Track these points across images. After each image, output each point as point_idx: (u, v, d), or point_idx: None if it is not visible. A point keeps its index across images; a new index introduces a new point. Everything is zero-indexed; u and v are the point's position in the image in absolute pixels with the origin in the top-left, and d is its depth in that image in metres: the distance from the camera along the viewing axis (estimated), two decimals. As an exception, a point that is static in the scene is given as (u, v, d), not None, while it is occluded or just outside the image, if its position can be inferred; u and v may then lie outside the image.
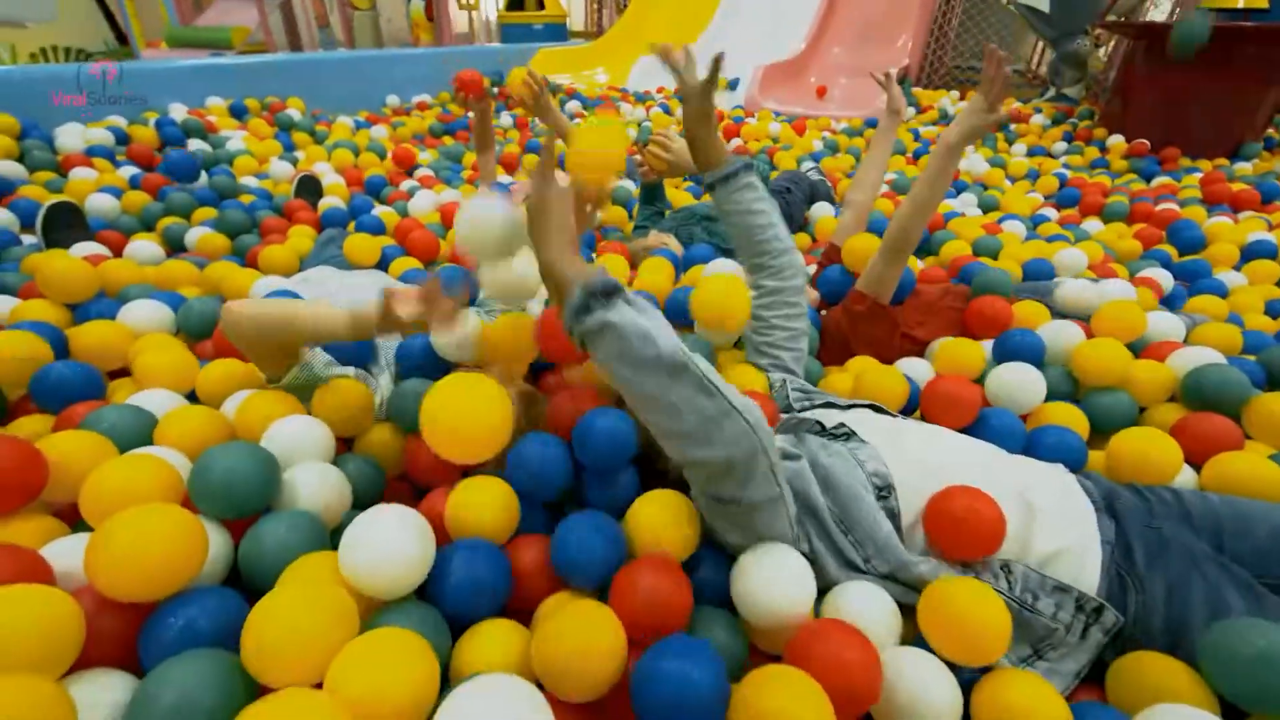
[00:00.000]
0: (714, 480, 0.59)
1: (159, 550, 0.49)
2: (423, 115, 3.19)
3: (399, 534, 0.57)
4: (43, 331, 0.91)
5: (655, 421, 0.58)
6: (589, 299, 0.57)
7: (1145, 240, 1.85)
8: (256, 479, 0.61)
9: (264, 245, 1.45)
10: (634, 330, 0.56)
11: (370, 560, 0.55)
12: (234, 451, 0.61)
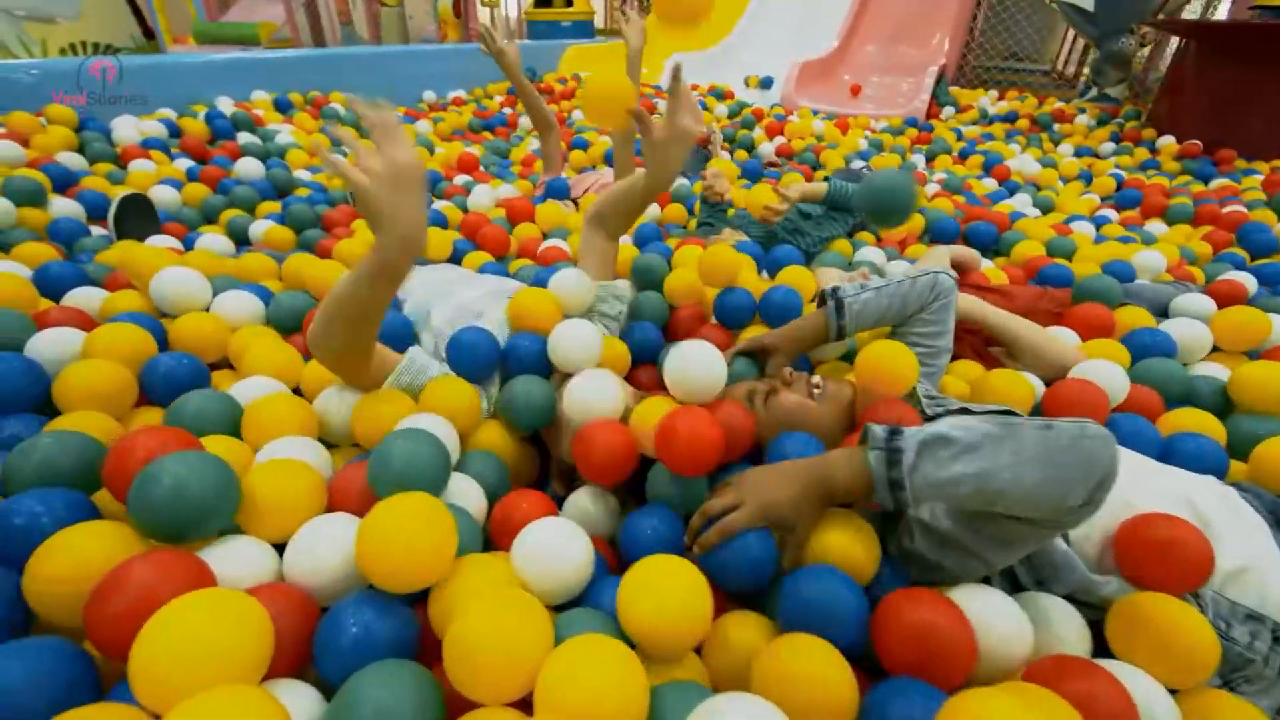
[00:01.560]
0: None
1: (426, 540, 0.49)
2: (459, 111, 3.18)
3: (568, 540, 0.54)
4: (144, 324, 0.89)
5: (1030, 488, 0.50)
6: (890, 446, 0.55)
7: (1215, 243, 1.81)
8: (432, 468, 0.59)
9: (333, 239, 1.44)
10: (949, 425, 0.54)
11: (546, 566, 0.52)
12: (412, 437, 0.59)
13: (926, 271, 0.87)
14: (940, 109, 3.64)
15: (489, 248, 1.45)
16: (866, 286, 0.86)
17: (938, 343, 0.87)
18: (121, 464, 0.55)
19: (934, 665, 0.47)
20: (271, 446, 0.69)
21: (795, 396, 0.76)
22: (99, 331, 0.82)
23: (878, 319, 0.87)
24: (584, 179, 1.91)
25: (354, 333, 0.71)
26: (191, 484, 0.51)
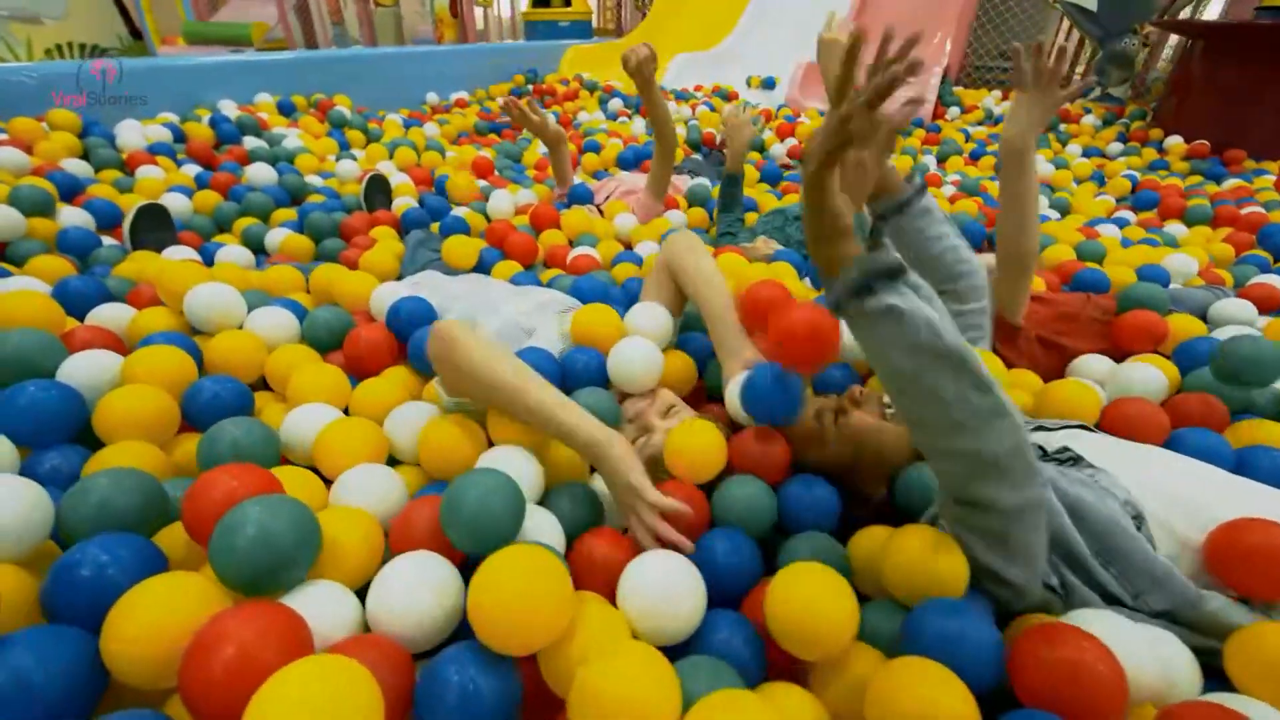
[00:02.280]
0: (973, 478, 0.53)
1: (546, 602, 0.46)
2: (463, 113, 3.13)
3: (680, 576, 0.52)
4: (181, 345, 0.85)
5: (920, 412, 0.53)
6: (871, 279, 0.51)
7: (1237, 245, 1.81)
8: (508, 514, 0.55)
9: (354, 248, 1.39)
10: (920, 318, 0.50)
11: (658, 607, 0.50)
12: (485, 482, 0.56)
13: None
14: (945, 109, 3.63)
15: (517, 256, 1.41)
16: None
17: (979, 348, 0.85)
18: (199, 508, 0.52)
19: (1083, 706, 0.45)
20: (348, 478, 0.65)
21: (869, 417, 0.73)
22: (139, 355, 0.78)
23: (923, 241, 0.85)
24: (605, 185, 1.87)
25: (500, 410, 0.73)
26: (277, 532, 0.48)
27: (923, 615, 0.54)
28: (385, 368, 0.96)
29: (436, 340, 0.72)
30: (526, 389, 0.68)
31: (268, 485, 0.55)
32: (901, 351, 0.51)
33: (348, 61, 3.07)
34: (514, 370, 0.69)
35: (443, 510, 0.55)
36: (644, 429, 0.79)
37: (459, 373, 0.71)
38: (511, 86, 3.66)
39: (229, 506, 0.50)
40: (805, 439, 0.75)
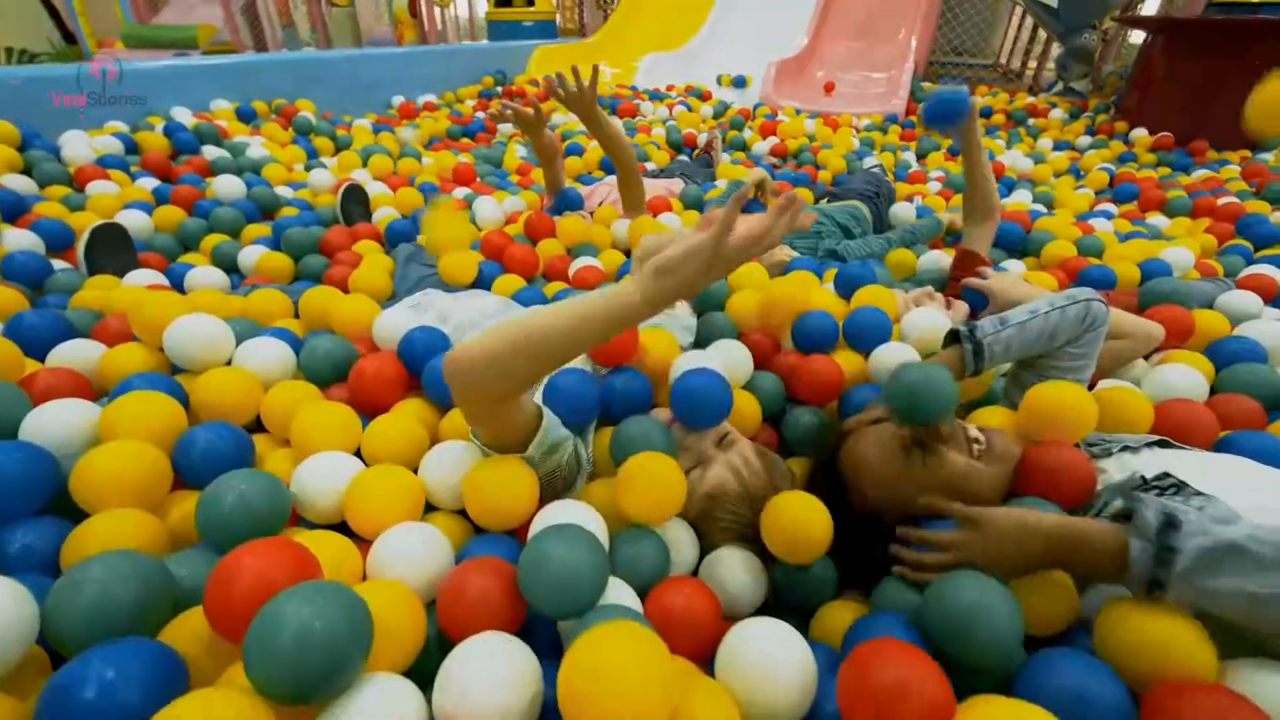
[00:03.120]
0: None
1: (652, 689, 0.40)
2: (433, 116, 3.01)
3: (786, 644, 0.45)
4: (165, 388, 0.75)
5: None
6: (1163, 546, 0.48)
7: (1220, 235, 1.84)
8: (596, 575, 0.48)
9: (339, 266, 1.29)
10: (1247, 537, 0.46)
11: (766, 683, 0.44)
12: (569, 541, 0.49)
13: (1075, 300, 0.77)
14: (917, 104, 3.66)
15: (516, 269, 1.33)
16: (1007, 322, 0.77)
17: (1082, 375, 0.80)
18: (226, 601, 0.43)
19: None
20: (390, 541, 0.57)
21: (962, 459, 0.67)
22: (120, 404, 0.67)
23: (1024, 353, 0.79)
24: (596, 190, 1.80)
25: (538, 373, 0.58)
26: (325, 630, 0.40)
27: (1048, 668, 0.49)
28: (396, 402, 0.87)
29: (449, 365, 0.58)
30: (532, 319, 0.55)
31: (303, 565, 0.47)
32: (1224, 575, 0.46)
33: (307, 64, 2.92)
34: (516, 320, 0.56)
35: (524, 572, 0.48)
36: (700, 459, 0.73)
37: (473, 375, 0.57)
38: (480, 89, 3.54)
39: (260, 596, 0.42)
40: (889, 483, 0.68)
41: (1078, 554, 0.53)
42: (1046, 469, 0.66)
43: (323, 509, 0.65)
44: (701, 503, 0.71)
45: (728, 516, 0.71)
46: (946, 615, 0.51)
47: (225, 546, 0.57)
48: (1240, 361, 1.01)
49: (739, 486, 0.71)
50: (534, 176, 2.13)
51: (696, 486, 0.71)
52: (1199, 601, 0.48)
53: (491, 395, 0.59)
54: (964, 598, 0.51)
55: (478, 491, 0.65)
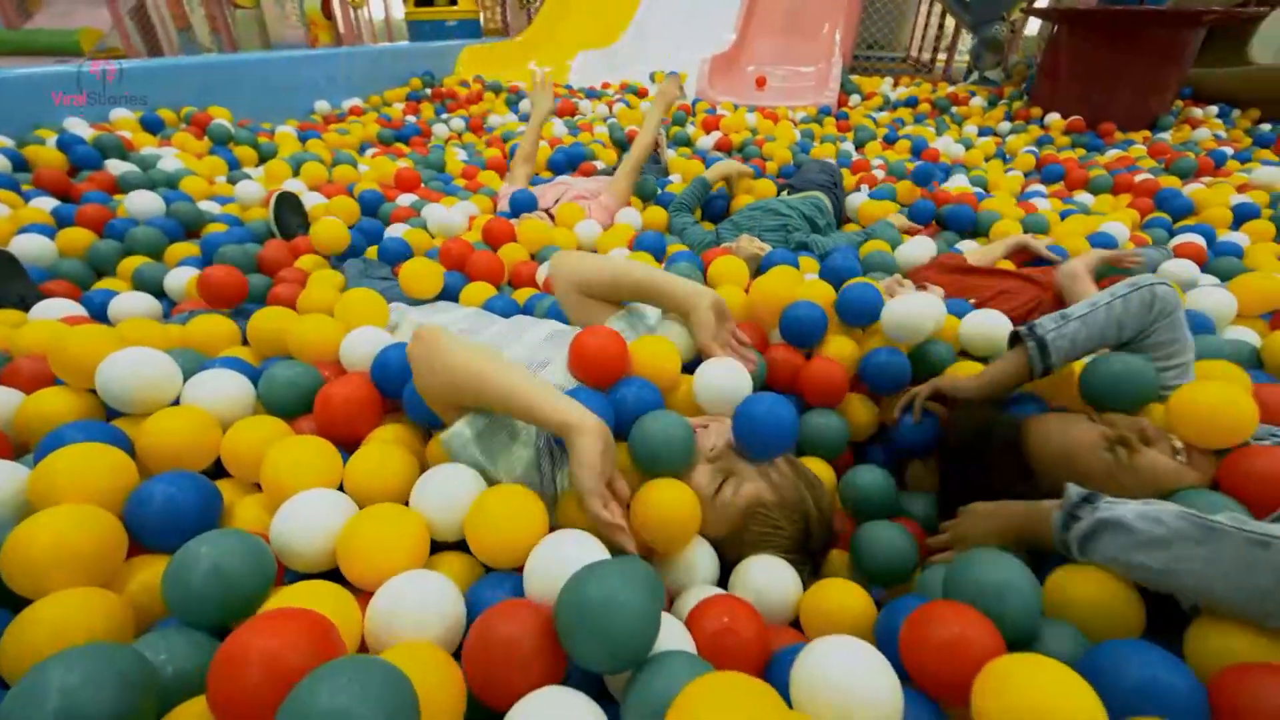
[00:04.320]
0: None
1: None
2: (360, 121, 2.84)
3: (872, 669, 0.42)
4: (105, 437, 0.64)
5: (1219, 596, 0.50)
6: (1072, 511, 0.58)
7: (1141, 210, 1.96)
8: (651, 616, 0.44)
9: (283, 284, 1.17)
10: (1135, 515, 0.54)
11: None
12: (616, 579, 0.44)
13: (1137, 286, 0.74)
14: (848, 97, 3.76)
15: (481, 277, 1.25)
16: (1068, 317, 0.76)
17: (1182, 359, 0.76)
18: (237, 694, 0.36)
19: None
20: (398, 594, 0.51)
21: (1169, 462, 0.65)
22: (54, 462, 0.57)
23: (1092, 349, 0.77)
24: (549, 189, 1.73)
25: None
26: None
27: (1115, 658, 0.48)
28: (370, 430, 0.79)
29: (418, 343, 0.68)
30: (508, 372, 0.64)
31: (322, 639, 0.40)
32: (1138, 551, 0.53)
33: (216, 69, 2.69)
34: (494, 356, 0.67)
35: (569, 625, 0.43)
36: (728, 472, 0.69)
37: (438, 374, 0.66)
38: (408, 91, 3.38)
39: (280, 682, 0.35)
40: (1088, 475, 0.66)
41: (1037, 531, 0.61)
42: (1249, 474, 0.63)
43: (310, 557, 0.57)
44: (736, 519, 0.67)
45: (765, 528, 0.67)
46: (975, 589, 0.53)
47: (205, 624, 0.49)
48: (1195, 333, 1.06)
49: (775, 496, 0.68)
50: (482, 179, 2.04)
51: (731, 502, 0.67)
52: (1115, 569, 0.55)
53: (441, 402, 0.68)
54: (991, 574, 0.54)
55: (484, 528, 0.59)
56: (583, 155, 2.26)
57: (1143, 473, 0.65)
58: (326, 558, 0.57)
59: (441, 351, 0.65)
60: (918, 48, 6.09)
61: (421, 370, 0.68)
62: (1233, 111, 3.28)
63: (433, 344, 0.66)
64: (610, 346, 0.76)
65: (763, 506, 0.67)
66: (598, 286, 0.91)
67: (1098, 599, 0.55)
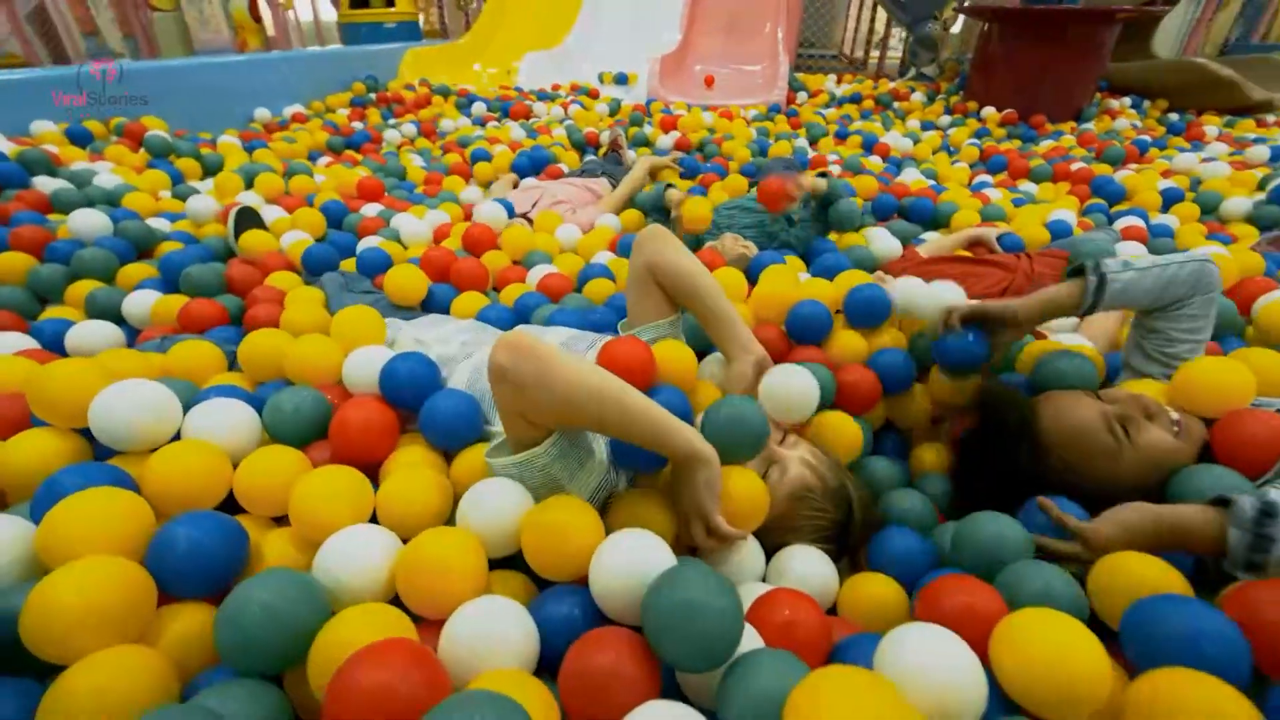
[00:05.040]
0: None
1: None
2: (306, 129, 2.72)
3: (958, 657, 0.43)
4: (108, 479, 0.59)
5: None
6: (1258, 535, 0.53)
7: (1080, 196, 2.09)
8: (738, 622, 0.43)
9: (259, 305, 1.11)
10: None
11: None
12: (699, 580, 0.44)
13: (1194, 259, 0.78)
14: (795, 94, 3.85)
15: (468, 286, 1.22)
16: (1130, 265, 0.79)
17: (1203, 335, 0.81)
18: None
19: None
20: (464, 621, 0.48)
21: (1168, 437, 0.68)
22: (65, 511, 0.52)
23: (1135, 302, 0.81)
24: (525, 194, 1.70)
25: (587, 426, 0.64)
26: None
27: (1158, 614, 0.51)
28: (389, 453, 0.76)
29: (525, 359, 0.58)
30: (625, 391, 0.59)
31: (430, 670, 0.38)
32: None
33: (142, 76, 2.51)
34: (608, 374, 0.61)
35: (656, 624, 0.43)
36: (770, 459, 0.70)
37: (554, 391, 0.57)
38: (352, 96, 3.26)
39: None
40: (1093, 454, 0.69)
41: (1182, 545, 0.57)
42: (1243, 437, 0.67)
43: (364, 592, 0.54)
44: (783, 505, 0.68)
45: (811, 513, 0.69)
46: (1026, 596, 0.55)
47: (261, 671, 0.46)
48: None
49: (819, 482, 0.69)
50: (446, 185, 1.99)
51: (777, 489, 0.68)
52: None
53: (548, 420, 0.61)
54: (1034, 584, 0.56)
55: (543, 542, 0.57)
56: (546, 158, 2.23)
57: (1144, 450, 0.68)
58: (381, 590, 0.55)
59: (559, 367, 0.57)
60: (850, 45, 6.30)
61: (530, 386, 0.57)
62: (1144, 102, 3.52)
63: (547, 360, 0.58)
64: (639, 354, 0.76)
65: (809, 491, 0.69)
66: (669, 277, 0.84)
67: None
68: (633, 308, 0.88)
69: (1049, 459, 0.72)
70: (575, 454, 0.64)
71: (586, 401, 0.57)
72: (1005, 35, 3.33)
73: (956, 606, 0.53)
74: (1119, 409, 0.70)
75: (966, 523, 0.65)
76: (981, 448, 0.78)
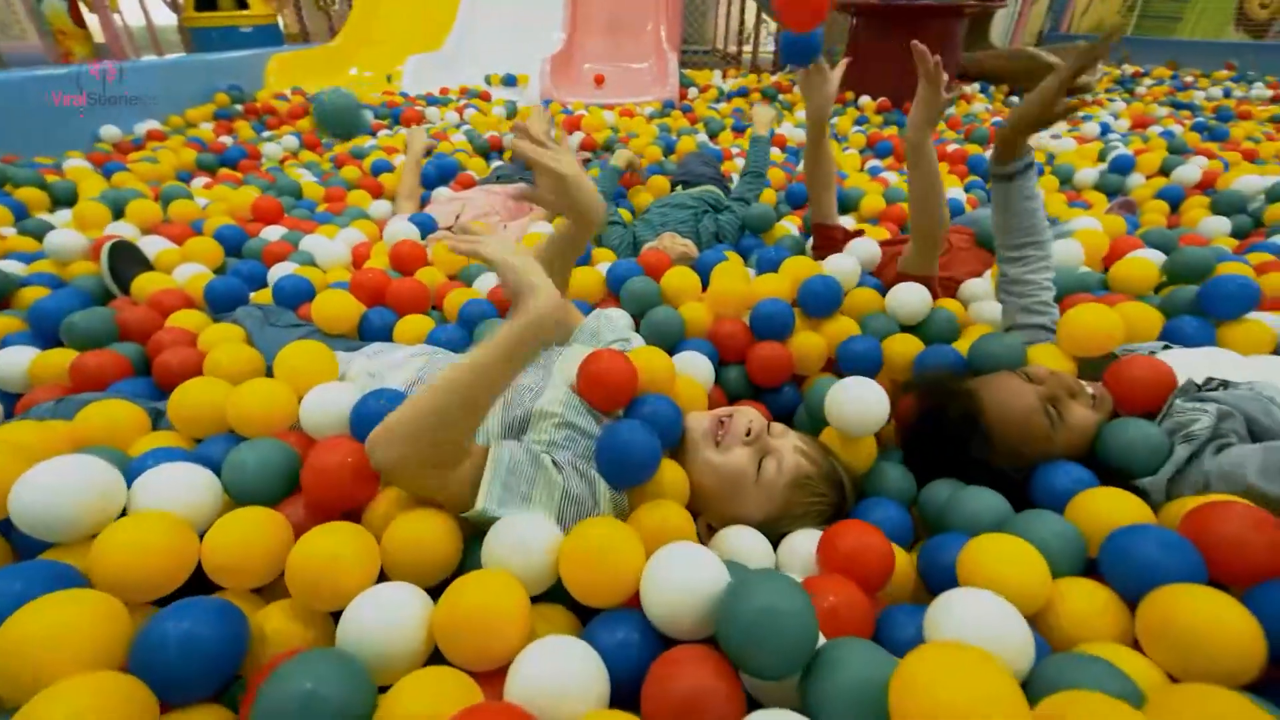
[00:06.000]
0: None
1: None
2: (167, 146, 2.42)
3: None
4: (58, 579, 0.49)
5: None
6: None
7: (960, 175, 2.31)
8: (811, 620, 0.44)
9: (167, 351, 0.97)
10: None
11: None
12: (770, 587, 0.45)
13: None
14: (686, 90, 3.94)
15: (409, 309, 1.14)
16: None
17: (1050, 282, 0.96)
18: None
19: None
20: (533, 670, 0.45)
21: (1090, 413, 0.74)
22: (23, 628, 0.43)
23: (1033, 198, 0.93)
24: (445, 207, 1.62)
25: (475, 420, 0.62)
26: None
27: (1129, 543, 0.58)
28: (370, 499, 0.69)
29: (375, 447, 0.60)
30: (449, 371, 0.59)
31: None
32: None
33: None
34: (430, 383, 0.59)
35: (736, 636, 0.43)
36: (764, 450, 0.71)
37: (403, 442, 0.58)
38: (215, 108, 2.95)
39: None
40: (1034, 438, 0.73)
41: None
42: (1134, 381, 0.77)
43: (405, 661, 0.49)
44: (785, 493, 0.70)
45: (811, 499, 0.71)
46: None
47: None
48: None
49: (813, 466, 0.71)
50: (351, 200, 1.85)
51: (777, 479, 0.70)
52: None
53: (434, 463, 0.60)
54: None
55: (586, 570, 0.55)
56: (455, 166, 2.13)
57: (1074, 428, 0.74)
58: (421, 652, 0.50)
59: (392, 423, 0.59)
60: (724, 41, 6.53)
61: (388, 453, 0.58)
62: (990, 87, 3.93)
63: (387, 426, 0.59)
64: (620, 367, 0.74)
65: (808, 478, 0.71)
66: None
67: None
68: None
69: (995, 445, 0.75)
70: (518, 489, 0.62)
71: (431, 416, 0.57)
72: (871, 29, 3.59)
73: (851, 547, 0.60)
74: (1047, 390, 0.75)
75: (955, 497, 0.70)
76: (930, 438, 0.80)
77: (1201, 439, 0.68)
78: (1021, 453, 0.73)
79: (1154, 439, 0.70)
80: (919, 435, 0.80)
